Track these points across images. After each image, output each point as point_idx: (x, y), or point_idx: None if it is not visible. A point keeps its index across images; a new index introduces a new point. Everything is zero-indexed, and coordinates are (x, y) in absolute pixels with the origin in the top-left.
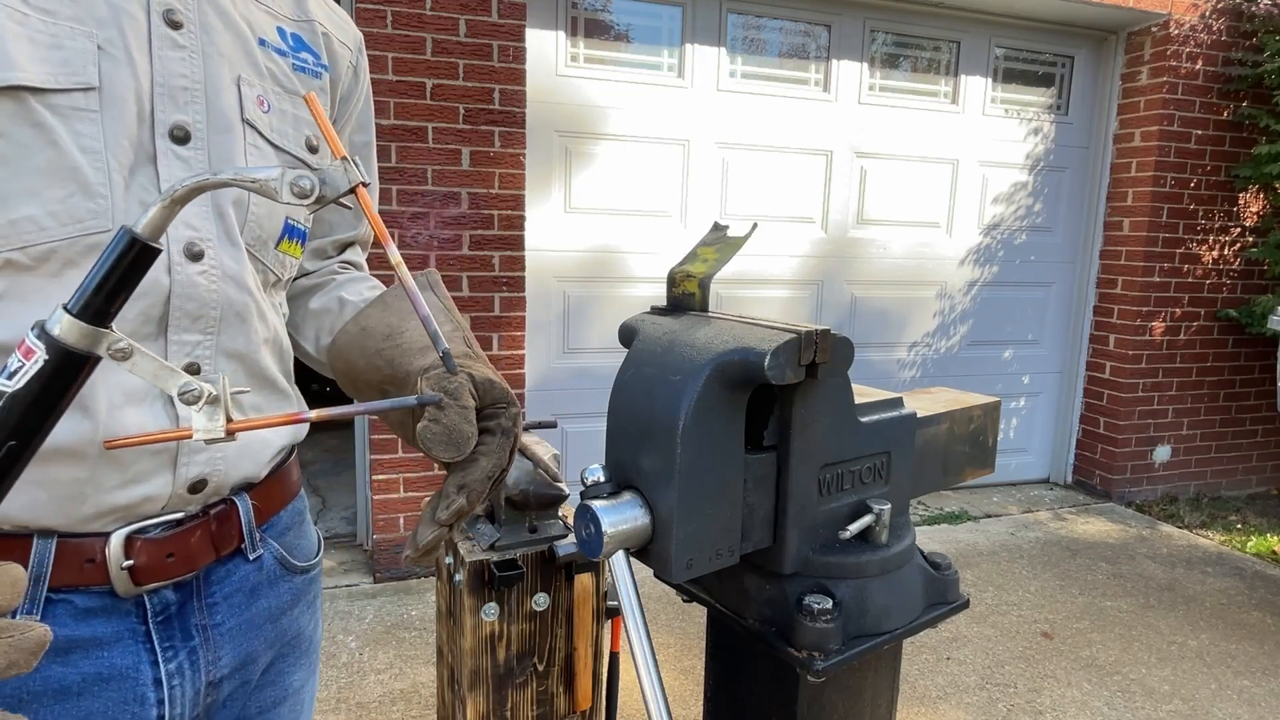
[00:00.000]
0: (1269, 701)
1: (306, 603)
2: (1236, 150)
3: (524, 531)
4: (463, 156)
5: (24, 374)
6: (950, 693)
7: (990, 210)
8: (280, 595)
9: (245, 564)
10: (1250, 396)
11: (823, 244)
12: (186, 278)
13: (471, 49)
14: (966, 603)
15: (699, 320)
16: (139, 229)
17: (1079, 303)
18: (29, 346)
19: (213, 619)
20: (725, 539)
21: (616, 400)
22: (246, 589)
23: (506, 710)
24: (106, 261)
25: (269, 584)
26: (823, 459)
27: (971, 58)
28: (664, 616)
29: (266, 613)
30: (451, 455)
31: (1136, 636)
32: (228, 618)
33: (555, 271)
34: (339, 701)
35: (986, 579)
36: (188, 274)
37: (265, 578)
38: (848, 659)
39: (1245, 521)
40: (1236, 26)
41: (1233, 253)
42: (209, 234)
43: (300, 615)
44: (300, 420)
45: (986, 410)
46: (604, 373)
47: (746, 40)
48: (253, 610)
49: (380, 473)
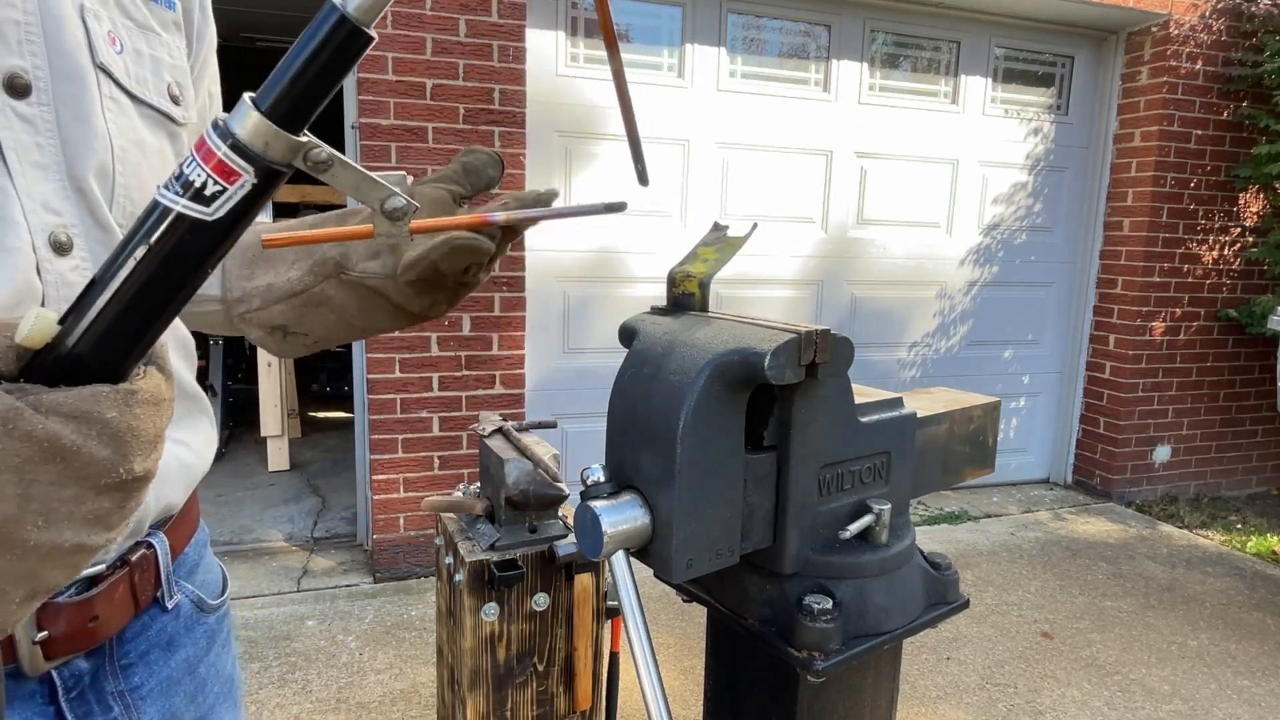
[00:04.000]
0: (1269, 701)
1: (221, 642)
2: (1236, 150)
3: (524, 531)
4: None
5: (227, 200)
6: (950, 693)
7: (990, 210)
8: (196, 642)
9: (162, 614)
10: (1250, 396)
11: (823, 244)
12: (59, 277)
13: (471, 49)
14: (966, 603)
15: (699, 320)
16: (349, 8)
17: (1079, 303)
18: (227, 164)
19: (129, 683)
20: (725, 539)
21: (616, 400)
22: (163, 642)
23: (506, 710)
24: (307, 46)
25: (185, 631)
26: (823, 459)
27: (971, 58)
28: (664, 616)
29: (185, 664)
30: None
31: (1136, 636)
32: (146, 678)
33: (555, 271)
34: (339, 701)
35: (986, 579)
36: (59, 273)
37: (182, 625)
38: (848, 659)
39: (1245, 521)
40: (1236, 26)
41: (1233, 253)
42: (72, 218)
43: (218, 658)
44: (488, 223)
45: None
46: (604, 373)
47: (746, 40)
48: (171, 665)
49: (380, 473)
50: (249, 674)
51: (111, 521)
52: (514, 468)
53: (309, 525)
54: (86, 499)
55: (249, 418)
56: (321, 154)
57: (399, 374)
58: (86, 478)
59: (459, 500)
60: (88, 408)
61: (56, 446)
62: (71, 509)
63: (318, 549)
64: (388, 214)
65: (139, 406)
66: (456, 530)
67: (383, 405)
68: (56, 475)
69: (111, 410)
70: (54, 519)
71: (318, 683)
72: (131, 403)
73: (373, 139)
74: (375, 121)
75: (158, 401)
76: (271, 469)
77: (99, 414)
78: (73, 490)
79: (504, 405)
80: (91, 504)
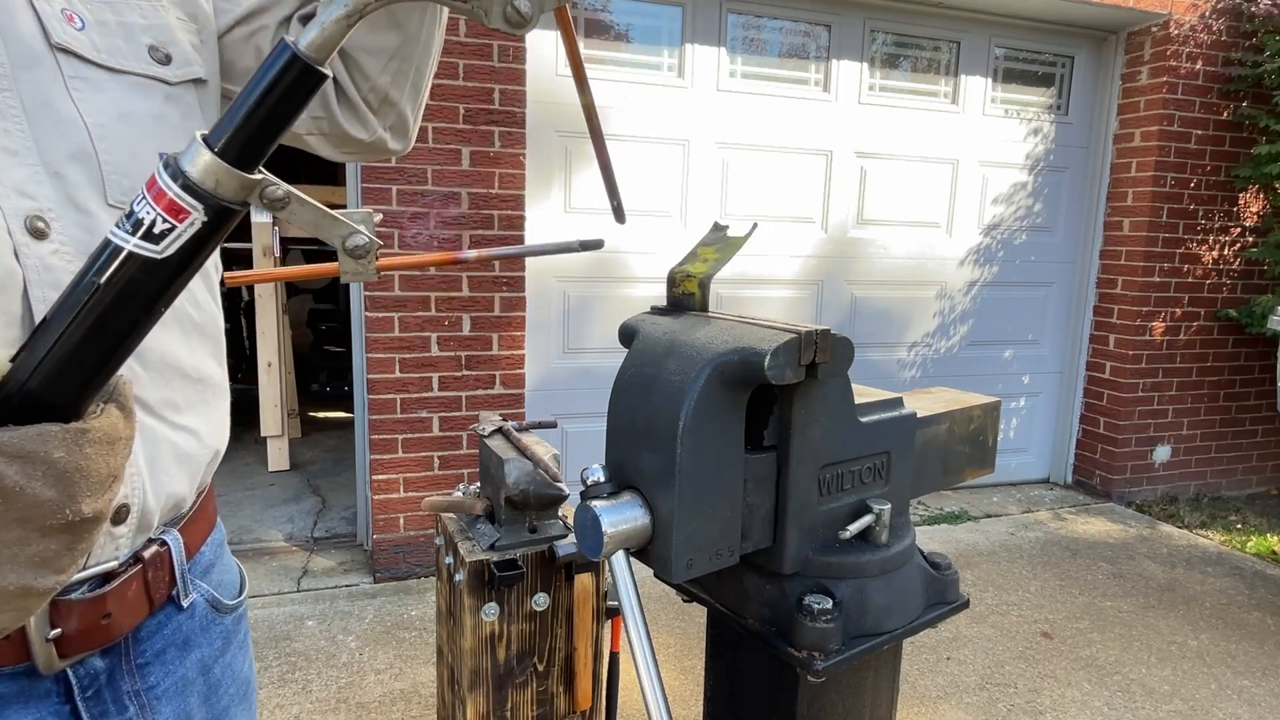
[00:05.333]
0: (1269, 701)
1: (238, 644)
2: (1236, 150)
3: (524, 531)
4: (463, 156)
5: (176, 238)
6: (950, 693)
7: (990, 210)
8: (212, 642)
9: (178, 613)
10: (1250, 396)
11: (823, 244)
12: (40, 262)
13: (471, 49)
14: (966, 603)
15: (699, 320)
16: (302, 46)
17: (1079, 303)
18: (177, 203)
19: (145, 682)
20: (725, 539)
21: (617, 400)
22: (179, 642)
23: (506, 710)
24: (259, 85)
25: (201, 631)
26: (823, 459)
27: (971, 58)
28: (664, 616)
29: (199, 665)
30: None
31: (1136, 636)
32: (162, 678)
33: (555, 271)
34: (339, 701)
35: (986, 579)
36: (39, 257)
37: (197, 625)
38: (848, 659)
39: (1245, 521)
40: (1236, 26)
41: (1233, 253)
42: (49, 203)
43: (234, 660)
44: (458, 260)
45: (986, 410)
46: (604, 373)
47: (746, 40)
48: (187, 664)
49: (380, 473)
50: None
51: (60, 564)
52: (514, 468)
53: (309, 525)
54: (31, 541)
55: (249, 418)
56: (278, 191)
57: (399, 374)
58: (30, 519)
59: (459, 500)
60: (33, 447)
61: (0, 488)
62: (15, 551)
63: (318, 549)
64: (349, 251)
65: (90, 446)
66: (456, 530)
67: (383, 405)
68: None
69: (59, 450)
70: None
71: (318, 683)
72: (82, 442)
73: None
74: None
75: (112, 441)
76: (271, 469)
77: (45, 454)
78: (16, 533)
79: (504, 405)
80: (36, 546)
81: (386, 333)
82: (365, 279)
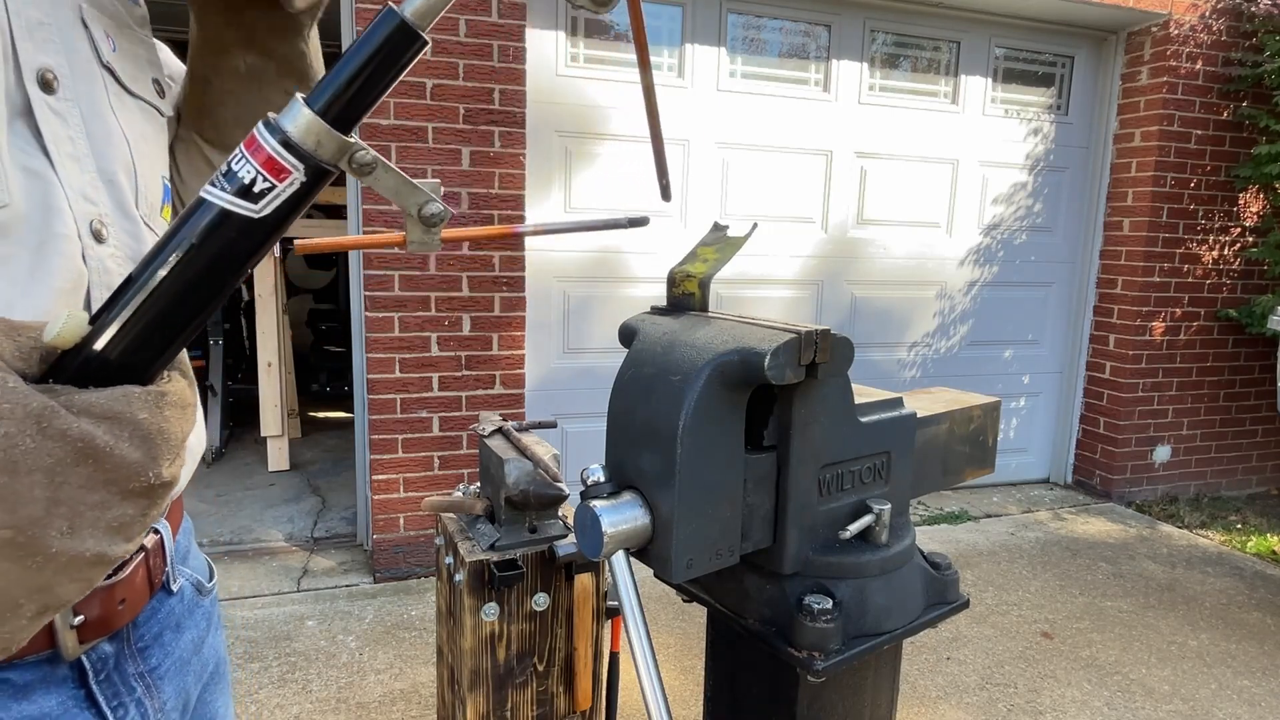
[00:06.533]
0: (1269, 701)
1: (216, 625)
2: (1236, 150)
3: (524, 531)
4: (463, 156)
5: (275, 197)
6: (950, 693)
7: (990, 210)
8: (198, 624)
9: (169, 597)
10: (1250, 396)
11: (823, 244)
12: (100, 264)
13: (471, 49)
14: (966, 603)
15: (699, 320)
16: (407, 12)
17: (1079, 303)
18: (278, 161)
19: (148, 664)
20: (725, 539)
21: (617, 400)
22: (172, 624)
23: (506, 710)
24: (365, 49)
25: (188, 614)
26: (823, 459)
27: (971, 58)
28: (664, 616)
29: (192, 645)
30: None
31: (1136, 636)
32: (162, 659)
33: (555, 271)
34: (339, 701)
35: (986, 579)
36: (100, 259)
37: (185, 608)
38: (848, 659)
39: (1245, 521)
40: (1236, 26)
41: (1233, 253)
42: (106, 208)
43: (215, 640)
44: (514, 233)
45: (986, 410)
46: (604, 373)
47: (746, 40)
48: (181, 645)
49: (380, 473)
50: (249, 674)
51: (132, 531)
52: (514, 468)
53: (309, 525)
54: (112, 505)
55: (249, 418)
56: (367, 156)
57: (399, 374)
58: (115, 481)
59: (459, 500)
60: (120, 408)
61: (90, 447)
62: (97, 515)
63: (318, 549)
64: (424, 219)
65: (168, 409)
66: (456, 530)
67: (383, 405)
68: (86, 478)
69: (143, 411)
70: (79, 525)
71: (318, 683)
72: (161, 404)
73: (372, 139)
74: (375, 122)
75: (184, 405)
76: (271, 469)
77: (131, 415)
78: (100, 495)
79: (504, 405)
80: (116, 510)
81: (386, 333)
82: (430, 249)
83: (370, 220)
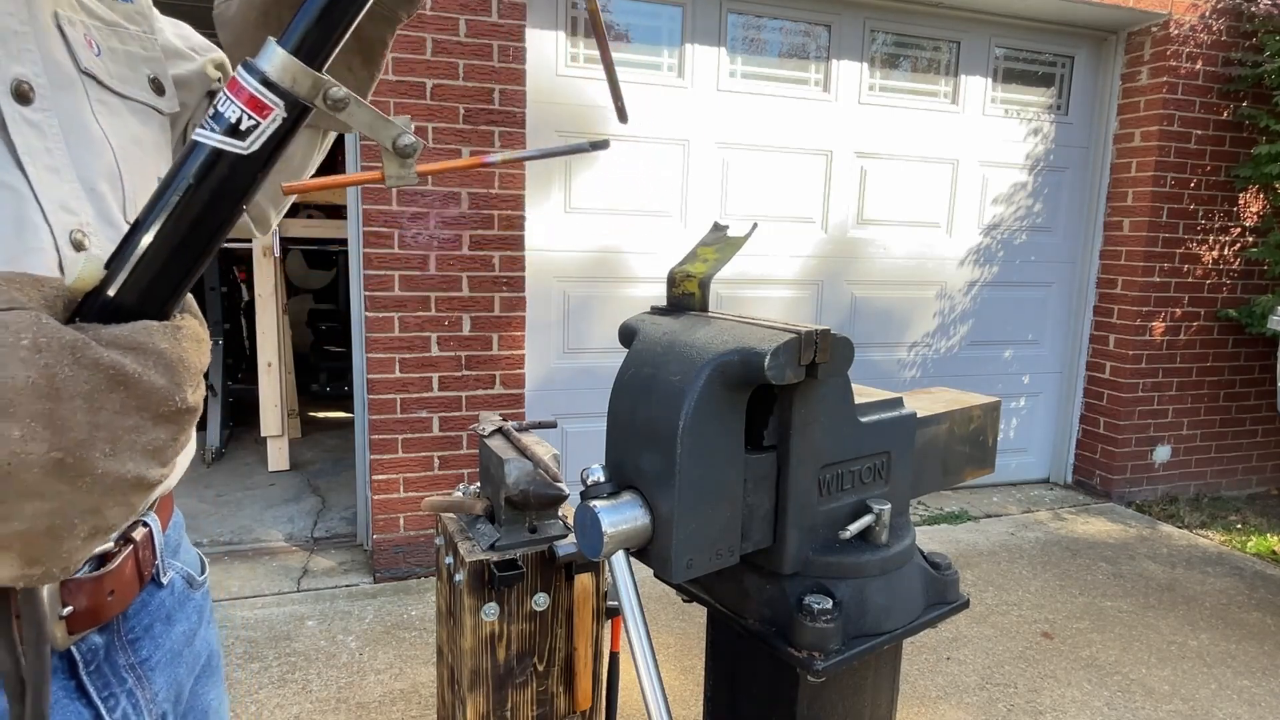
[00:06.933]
0: (1269, 701)
1: (207, 619)
2: (1236, 150)
3: (524, 531)
4: (463, 157)
5: (260, 134)
6: (950, 693)
7: (990, 210)
8: (189, 616)
9: (159, 590)
10: (1250, 396)
11: (823, 244)
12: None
13: (471, 49)
14: (966, 603)
15: (699, 320)
16: None
17: (1079, 303)
18: (259, 99)
19: (139, 655)
20: (725, 539)
21: (616, 400)
22: (163, 617)
23: (506, 710)
24: None
25: (179, 606)
26: (823, 459)
27: (971, 58)
28: (664, 616)
29: (183, 637)
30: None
31: (1136, 636)
32: (153, 651)
33: (555, 271)
34: (339, 701)
35: (986, 579)
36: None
37: (176, 601)
38: (848, 659)
39: (1245, 521)
40: (1236, 26)
41: (1233, 253)
42: (88, 218)
43: (207, 633)
44: (484, 163)
45: (986, 410)
46: (604, 373)
47: (746, 40)
48: (172, 637)
49: (380, 473)
50: (249, 674)
51: (166, 455)
52: (514, 468)
53: (309, 525)
54: (145, 429)
55: (249, 418)
56: (339, 92)
57: (399, 374)
58: (146, 407)
59: (459, 500)
60: (143, 339)
61: (121, 375)
62: (134, 439)
63: (318, 549)
64: (399, 150)
65: (186, 340)
66: (456, 530)
67: (383, 405)
68: (120, 404)
69: (164, 342)
70: (119, 447)
71: (318, 683)
72: (179, 336)
73: (372, 139)
74: None
75: (199, 340)
76: (271, 469)
77: (153, 345)
78: (134, 419)
79: (504, 405)
80: (150, 434)
81: (386, 333)
82: (407, 183)
83: (370, 220)
